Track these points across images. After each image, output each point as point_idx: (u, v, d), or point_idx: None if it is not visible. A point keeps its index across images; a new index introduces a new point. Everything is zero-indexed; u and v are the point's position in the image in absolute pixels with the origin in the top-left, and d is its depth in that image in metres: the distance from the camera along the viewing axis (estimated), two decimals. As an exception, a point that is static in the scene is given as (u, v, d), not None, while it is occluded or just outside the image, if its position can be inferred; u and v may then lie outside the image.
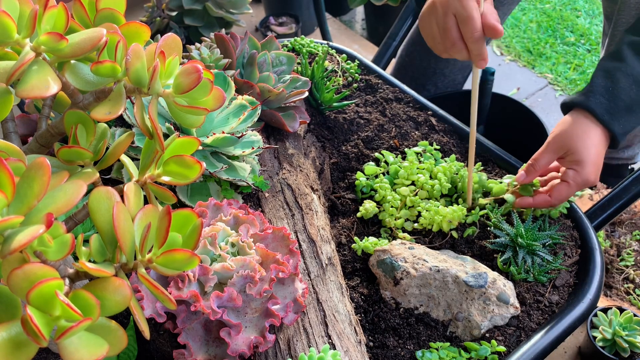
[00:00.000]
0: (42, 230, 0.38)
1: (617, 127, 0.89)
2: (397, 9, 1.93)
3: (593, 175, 0.88)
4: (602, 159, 0.90)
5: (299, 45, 1.22)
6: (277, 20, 2.15)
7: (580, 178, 0.88)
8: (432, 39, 0.86)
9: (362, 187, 1.00)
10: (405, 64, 1.53)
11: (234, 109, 0.87)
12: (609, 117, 0.88)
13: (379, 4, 1.42)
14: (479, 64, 0.82)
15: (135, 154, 0.80)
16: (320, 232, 0.85)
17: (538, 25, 2.57)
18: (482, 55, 0.81)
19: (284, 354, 0.70)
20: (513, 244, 0.88)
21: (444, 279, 0.81)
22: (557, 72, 2.33)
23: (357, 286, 0.87)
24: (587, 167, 0.87)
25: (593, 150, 0.88)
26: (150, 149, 0.55)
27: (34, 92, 0.45)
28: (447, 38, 0.82)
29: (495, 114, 1.46)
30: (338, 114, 1.11)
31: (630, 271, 1.28)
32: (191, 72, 0.51)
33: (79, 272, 0.46)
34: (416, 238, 0.92)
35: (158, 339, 0.72)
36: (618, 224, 1.39)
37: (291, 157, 0.96)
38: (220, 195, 0.84)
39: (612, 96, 0.89)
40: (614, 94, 0.89)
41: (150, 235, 0.47)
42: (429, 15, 0.84)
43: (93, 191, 0.47)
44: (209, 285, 0.67)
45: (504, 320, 0.81)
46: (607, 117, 0.88)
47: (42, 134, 0.56)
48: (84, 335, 0.41)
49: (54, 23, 0.49)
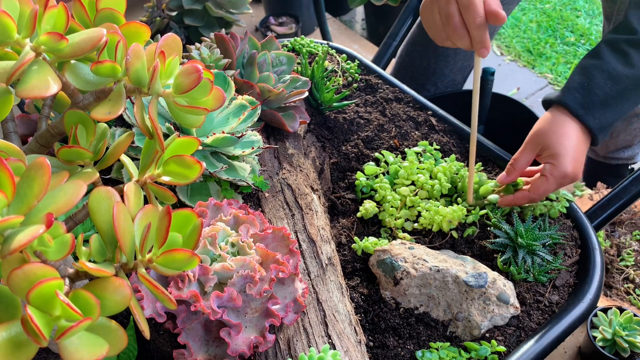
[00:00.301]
0: (42, 230, 0.38)
1: (592, 121, 0.89)
2: (397, 9, 1.93)
3: (570, 167, 0.88)
4: (582, 153, 0.90)
5: (299, 45, 1.22)
6: (277, 20, 2.15)
7: (557, 171, 0.88)
8: (433, 27, 0.86)
9: (362, 187, 1.00)
10: (405, 64, 1.53)
11: (234, 109, 0.87)
12: (583, 112, 0.89)
13: (379, 4, 1.42)
14: (481, 52, 0.82)
15: (135, 154, 0.80)
16: (320, 232, 0.85)
17: (538, 25, 2.57)
18: (484, 42, 0.81)
19: (284, 354, 0.70)
20: (513, 244, 0.88)
21: (444, 279, 0.81)
22: (557, 72, 2.33)
23: (357, 286, 0.87)
24: (563, 160, 0.88)
25: (568, 142, 0.88)
26: (150, 149, 0.55)
27: (34, 92, 0.46)
28: (449, 25, 0.82)
29: (495, 114, 1.46)
30: (338, 114, 1.11)
31: (630, 271, 1.28)
32: (191, 72, 0.51)
33: (79, 272, 0.46)
34: (416, 238, 0.92)
35: (158, 339, 0.72)
36: (618, 224, 1.39)
37: (291, 157, 0.96)
38: (220, 195, 0.84)
39: (586, 91, 0.90)
40: (589, 89, 0.90)
41: (150, 235, 0.47)
42: (431, 3, 0.85)
43: (93, 191, 0.47)
44: (209, 285, 0.67)
45: (504, 320, 0.81)
46: (582, 111, 0.89)
47: (42, 134, 0.56)
48: (84, 335, 0.41)
49: (54, 23, 0.49)
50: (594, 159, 1.68)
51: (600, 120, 0.90)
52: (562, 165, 0.88)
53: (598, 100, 0.90)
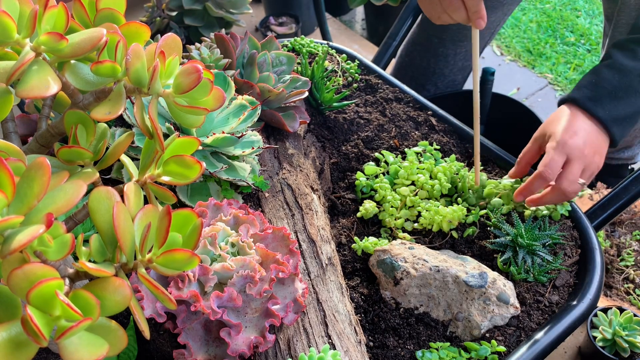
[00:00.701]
0: (42, 230, 0.38)
1: (601, 112, 0.90)
2: (397, 9, 1.93)
3: (567, 135, 0.88)
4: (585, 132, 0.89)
5: (299, 45, 1.22)
6: (277, 20, 2.15)
7: (555, 142, 0.88)
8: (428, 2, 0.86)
9: (362, 187, 1.00)
10: (405, 64, 1.53)
11: (234, 109, 0.87)
12: (591, 104, 0.90)
13: (379, 4, 1.42)
14: (477, 23, 0.83)
15: (135, 154, 0.80)
16: (320, 232, 0.85)
17: (538, 25, 2.57)
18: (480, 12, 0.82)
19: (284, 354, 0.70)
20: (513, 244, 0.88)
21: (444, 279, 0.81)
22: (557, 72, 2.33)
23: (357, 286, 0.87)
24: (561, 134, 0.88)
25: (568, 124, 0.89)
26: (150, 149, 0.55)
27: (34, 92, 0.45)
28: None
29: (495, 114, 1.46)
30: (338, 114, 1.11)
31: (630, 271, 1.28)
32: (191, 72, 0.51)
33: (79, 272, 0.46)
34: (416, 238, 0.92)
35: (158, 339, 0.72)
36: (618, 224, 1.39)
37: (291, 157, 0.96)
38: (220, 195, 0.84)
39: (595, 87, 0.92)
40: (597, 84, 0.92)
41: (150, 235, 0.47)
42: None
43: (93, 191, 0.47)
44: (209, 285, 0.67)
45: (504, 320, 0.81)
46: (590, 103, 0.91)
47: (42, 134, 0.56)
48: (84, 335, 0.41)
49: (54, 23, 0.49)
50: (594, 159, 1.68)
51: (611, 112, 0.90)
52: (560, 136, 0.88)
53: (606, 92, 0.91)
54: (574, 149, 0.87)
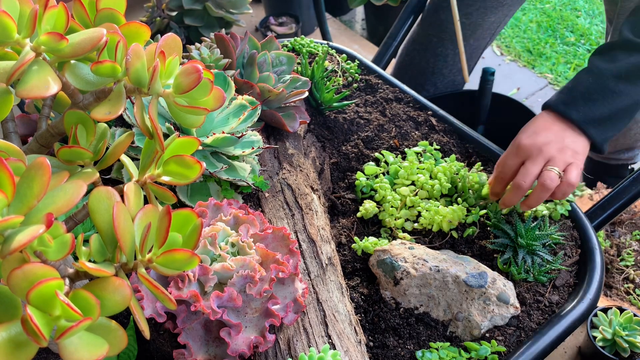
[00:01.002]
0: (42, 230, 0.38)
1: (575, 114, 0.91)
2: (397, 9, 1.93)
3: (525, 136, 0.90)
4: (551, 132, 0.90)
5: (299, 45, 1.22)
6: (277, 20, 2.15)
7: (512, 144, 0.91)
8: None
9: (362, 187, 1.00)
10: (405, 64, 1.53)
11: (234, 109, 0.87)
12: (564, 107, 0.92)
13: (379, 4, 1.42)
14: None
15: (135, 154, 0.80)
16: (320, 232, 0.85)
17: (538, 25, 2.57)
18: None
19: (284, 354, 0.70)
20: (513, 244, 0.88)
21: (444, 279, 0.81)
22: (557, 72, 2.33)
23: (357, 286, 0.87)
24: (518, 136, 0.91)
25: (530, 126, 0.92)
26: (150, 149, 0.55)
27: (34, 92, 0.45)
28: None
29: (495, 114, 1.46)
30: (338, 114, 1.11)
31: (630, 271, 1.28)
32: (191, 72, 0.51)
33: (79, 272, 0.46)
34: (416, 238, 0.92)
35: (158, 339, 0.72)
36: (618, 224, 1.39)
37: (291, 157, 0.96)
38: (220, 195, 0.84)
39: (569, 91, 0.94)
40: (572, 88, 0.94)
41: (150, 235, 0.47)
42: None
43: (93, 191, 0.47)
44: (209, 285, 0.67)
45: (504, 320, 0.81)
46: (562, 107, 0.92)
47: (42, 134, 0.56)
48: (84, 335, 0.41)
49: (54, 23, 0.49)
50: (593, 159, 1.68)
51: (586, 114, 0.91)
52: (516, 138, 0.90)
53: (579, 94, 0.92)
54: (529, 147, 0.89)
